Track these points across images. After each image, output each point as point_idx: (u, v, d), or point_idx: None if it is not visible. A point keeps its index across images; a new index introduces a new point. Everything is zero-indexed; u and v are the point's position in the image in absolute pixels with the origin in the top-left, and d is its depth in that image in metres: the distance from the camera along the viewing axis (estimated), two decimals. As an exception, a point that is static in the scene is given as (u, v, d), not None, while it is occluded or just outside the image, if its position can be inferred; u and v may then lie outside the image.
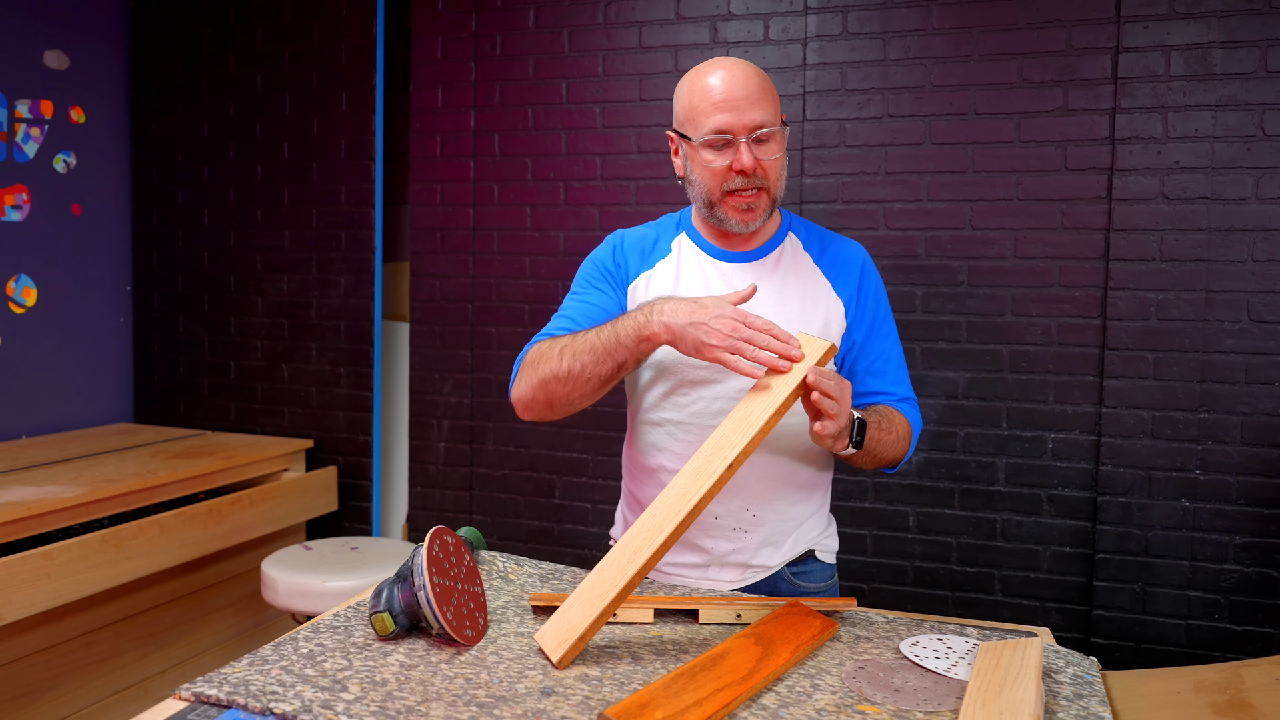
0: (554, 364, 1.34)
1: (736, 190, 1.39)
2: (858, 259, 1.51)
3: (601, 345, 1.31)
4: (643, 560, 1.12)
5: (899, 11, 2.49)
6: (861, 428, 1.32)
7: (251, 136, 3.16)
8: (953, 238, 2.48)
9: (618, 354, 1.30)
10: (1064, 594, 2.44)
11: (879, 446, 1.39)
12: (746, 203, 1.40)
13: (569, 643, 1.10)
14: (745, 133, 1.36)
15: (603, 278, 1.51)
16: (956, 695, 1.06)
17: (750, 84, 1.36)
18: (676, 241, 1.52)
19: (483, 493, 2.95)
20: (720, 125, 1.36)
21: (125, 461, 2.64)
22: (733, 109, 1.35)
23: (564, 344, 1.35)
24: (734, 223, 1.42)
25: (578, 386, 1.34)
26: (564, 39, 2.80)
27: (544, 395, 1.37)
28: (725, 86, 1.36)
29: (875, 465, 1.44)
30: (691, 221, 1.53)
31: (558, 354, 1.34)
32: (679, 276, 1.48)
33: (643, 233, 1.56)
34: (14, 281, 2.89)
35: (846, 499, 2.58)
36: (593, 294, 1.50)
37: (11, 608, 2.07)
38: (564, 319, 1.47)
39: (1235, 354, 2.29)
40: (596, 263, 1.53)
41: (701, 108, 1.38)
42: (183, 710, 0.99)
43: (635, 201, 2.75)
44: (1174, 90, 2.31)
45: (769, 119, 1.37)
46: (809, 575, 1.51)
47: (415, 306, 2.99)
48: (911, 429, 1.49)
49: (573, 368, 1.33)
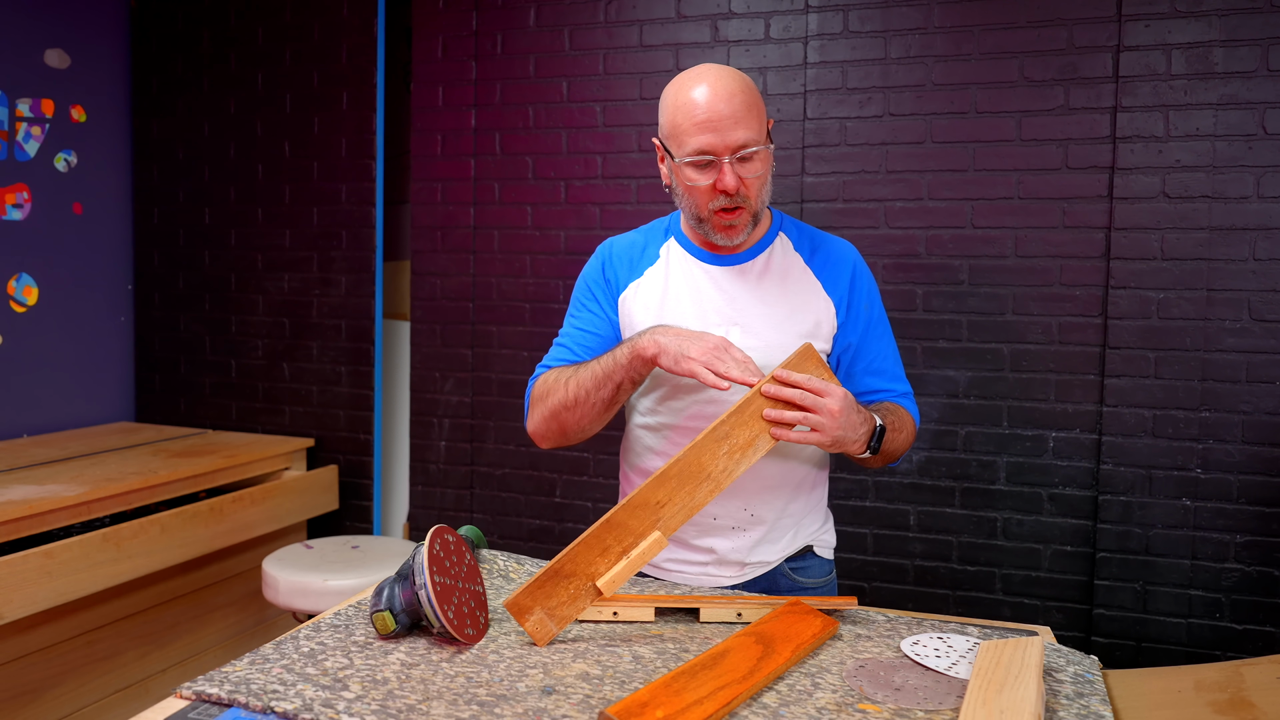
0: (561, 394, 1.41)
1: (720, 209, 1.38)
2: (849, 259, 1.51)
3: (601, 371, 1.37)
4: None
5: (900, 10, 2.49)
6: (881, 434, 1.36)
7: (252, 135, 3.16)
8: (954, 236, 2.48)
9: (615, 375, 1.36)
10: (1065, 593, 2.44)
11: (892, 446, 1.42)
12: (729, 221, 1.39)
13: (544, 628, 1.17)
14: (728, 153, 1.33)
15: (593, 296, 1.54)
16: (957, 694, 1.06)
17: (734, 101, 1.33)
18: (665, 248, 1.52)
19: (483, 491, 2.95)
20: (703, 146, 1.33)
21: (126, 460, 2.64)
22: (715, 129, 1.32)
23: (569, 375, 1.41)
24: (719, 238, 1.43)
25: (586, 412, 1.40)
26: (565, 38, 2.80)
27: (556, 425, 1.44)
28: (708, 104, 1.32)
29: (882, 463, 1.47)
30: (680, 227, 1.53)
31: (563, 385, 1.41)
32: (668, 282, 1.49)
33: (631, 239, 1.56)
34: (15, 280, 2.89)
35: (847, 498, 2.58)
36: (585, 316, 1.53)
37: (13, 606, 2.07)
38: (561, 347, 1.52)
39: (1236, 353, 2.29)
40: (587, 281, 1.56)
41: (684, 126, 1.35)
42: (184, 709, 0.99)
43: (636, 200, 2.75)
44: (1175, 89, 2.31)
45: (752, 138, 1.34)
46: (807, 571, 1.52)
47: (416, 305, 2.99)
48: (914, 423, 1.52)
49: (578, 395, 1.39)
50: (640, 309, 1.48)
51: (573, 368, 1.42)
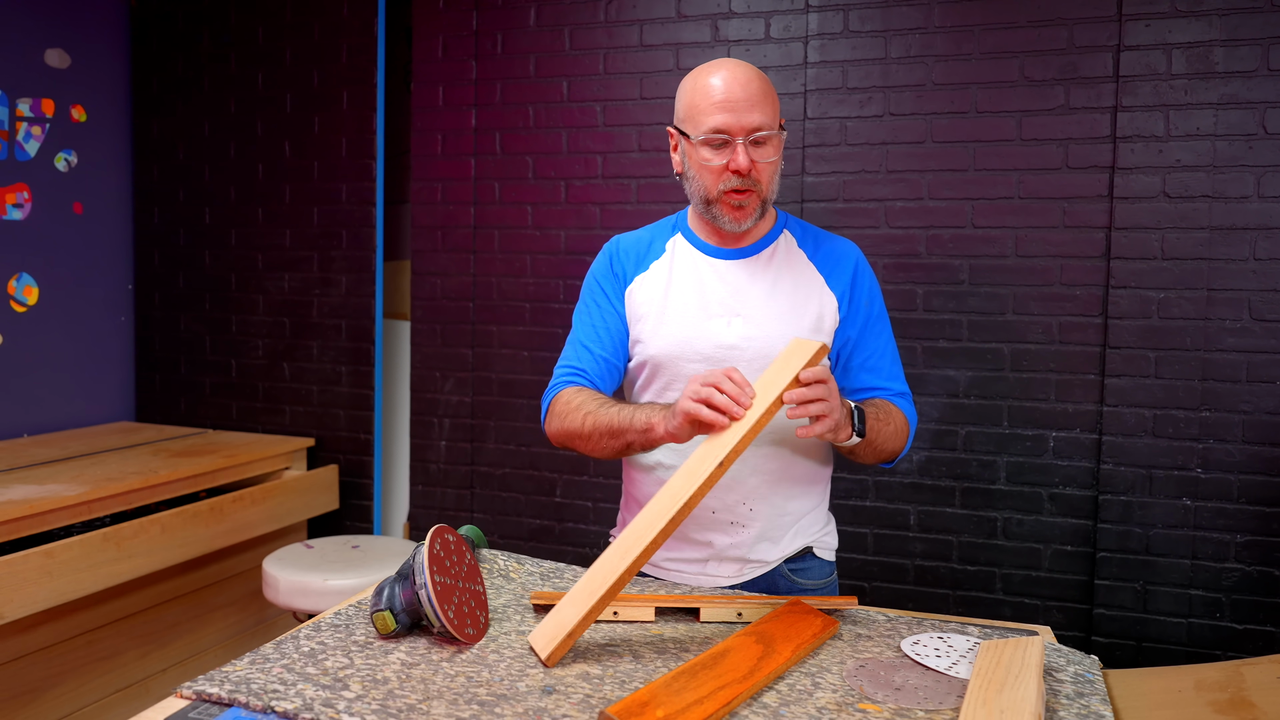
0: (576, 424, 1.42)
1: (731, 189, 1.41)
2: (851, 256, 1.53)
3: (618, 423, 1.37)
4: (631, 559, 1.13)
5: (900, 10, 2.49)
6: (861, 416, 1.35)
7: (252, 135, 3.16)
8: (954, 236, 2.48)
9: (628, 435, 1.36)
10: (1065, 592, 2.44)
11: (879, 438, 1.41)
12: (739, 201, 1.42)
13: (558, 639, 1.11)
14: (743, 134, 1.38)
15: (602, 291, 1.55)
16: (958, 694, 1.06)
17: (751, 86, 1.39)
18: (671, 242, 1.55)
19: (484, 491, 2.95)
20: (719, 125, 1.38)
21: (127, 460, 2.64)
22: (732, 110, 1.37)
23: (589, 409, 1.41)
24: (727, 220, 1.44)
25: (595, 450, 1.42)
26: (565, 37, 2.80)
27: (568, 445, 1.48)
28: (726, 87, 1.38)
29: (875, 458, 1.46)
30: (687, 222, 1.56)
31: (581, 418, 1.42)
32: (672, 274, 1.51)
33: (638, 236, 1.59)
34: (15, 280, 2.89)
35: (847, 497, 2.58)
36: (596, 312, 1.55)
37: (13, 606, 2.07)
38: (576, 345, 1.53)
39: (1236, 352, 2.29)
40: (595, 277, 1.58)
41: (702, 106, 1.40)
42: (184, 708, 1.00)
43: (636, 200, 2.75)
44: (1175, 88, 2.31)
45: (767, 122, 1.39)
46: (807, 572, 1.52)
47: (416, 305, 2.99)
48: (909, 423, 1.50)
49: (591, 435, 1.41)
50: (645, 301, 1.50)
51: (597, 400, 1.43)
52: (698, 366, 1.44)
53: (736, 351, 1.44)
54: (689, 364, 1.45)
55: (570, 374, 1.51)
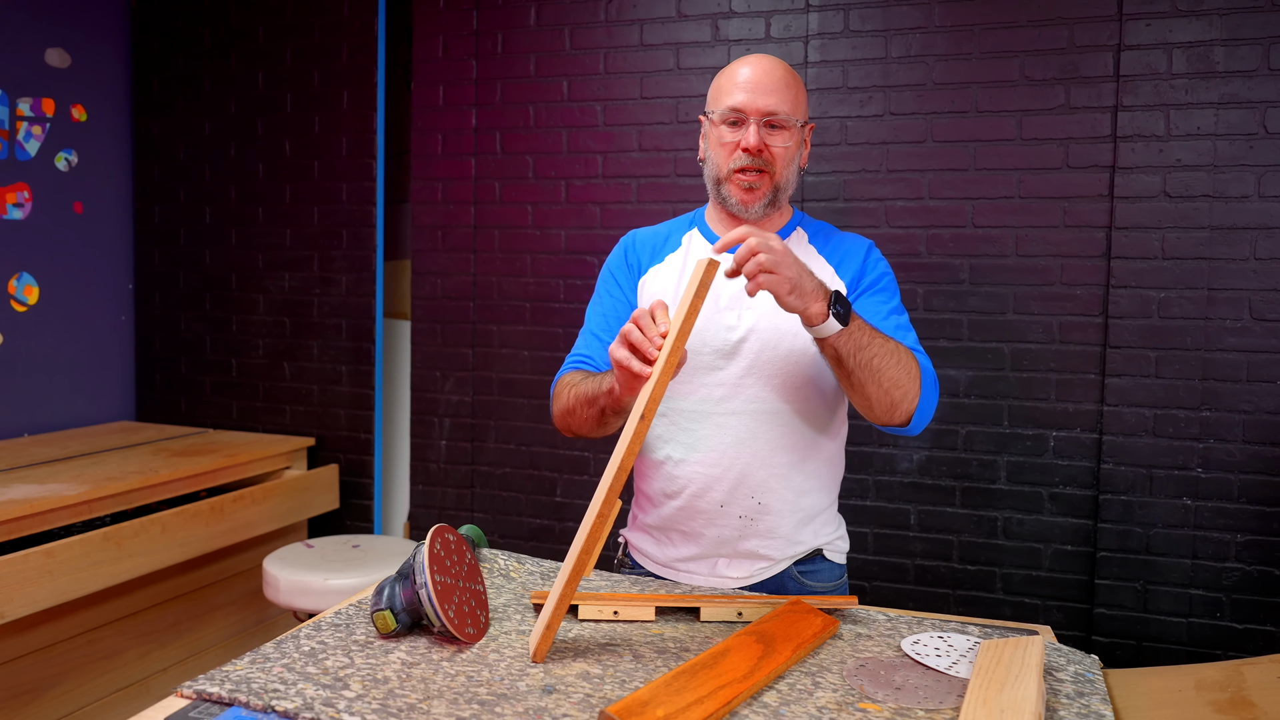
0: (566, 402, 1.46)
1: (741, 168, 1.44)
2: (863, 247, 1.54)
3: (591, 390, 1.39)
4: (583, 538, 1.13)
5: (900, 9, 2.49)
6: (844, 302, 1.25)
7: (253, 134, 3.16)
8: (954, 236, 2.48)
9: (599, 399, 1.37)
10: (1065, 592, 2.44)
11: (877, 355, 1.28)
12: (749, 182, 1.45)
13: (538, 635, 1.11)
14: (757, 115, 1.43)
15: (615, 282, 1.58)
16: (958, 693, 1.06)
17: (774, 74, 1.45)
18: (687, 236, 1.57)
19: (484, 491, 2.95)
20: (736, 104, 1.44)
21: (127, 459, 2.64)
22: (750, 90, 1.43)
23: (575, 383, 1.45)
24: (735, 201, 1.47)
25: (583, 424, 1.44)
26: (565, 37, 2.80)
27: (565, 424, 1.50)
28: (751, 72, 1.45)
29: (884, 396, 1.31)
30: (704, 217, 1.58)
31: (569, 394, 1.45)
32: (686, 267, 1.53)
33: (655, 230, 1.62)
34: (15, 280, 2.89)
35: (848, 497, 2.58)
36: (609, 302, 1.57)
37: (13, 606, 2.07)
38: (588, 335, 1.56)
39: (1237, 352, 2.29)
40: (610, 268, 1.60)
41: (725, 87, 1.47)
42: (184, 708, 0.99)
43: (636, 200, 2.74)
44: (1176, 88, 2.31)
45: (784, 109, 1.44)
46: (817, 574, 1.51)
47: (417, 304, 2.99)
48: (920, 367, 1.36)
49: (576, 409, 1.43)
50: (658, 292, 1.52)
51: (583, 375, 1.46)
52: (708, 358, 1.45)
53: (746, 343, 1.44)
54: (700, 355, 1.45)
55: (577, 361, 1.53)
